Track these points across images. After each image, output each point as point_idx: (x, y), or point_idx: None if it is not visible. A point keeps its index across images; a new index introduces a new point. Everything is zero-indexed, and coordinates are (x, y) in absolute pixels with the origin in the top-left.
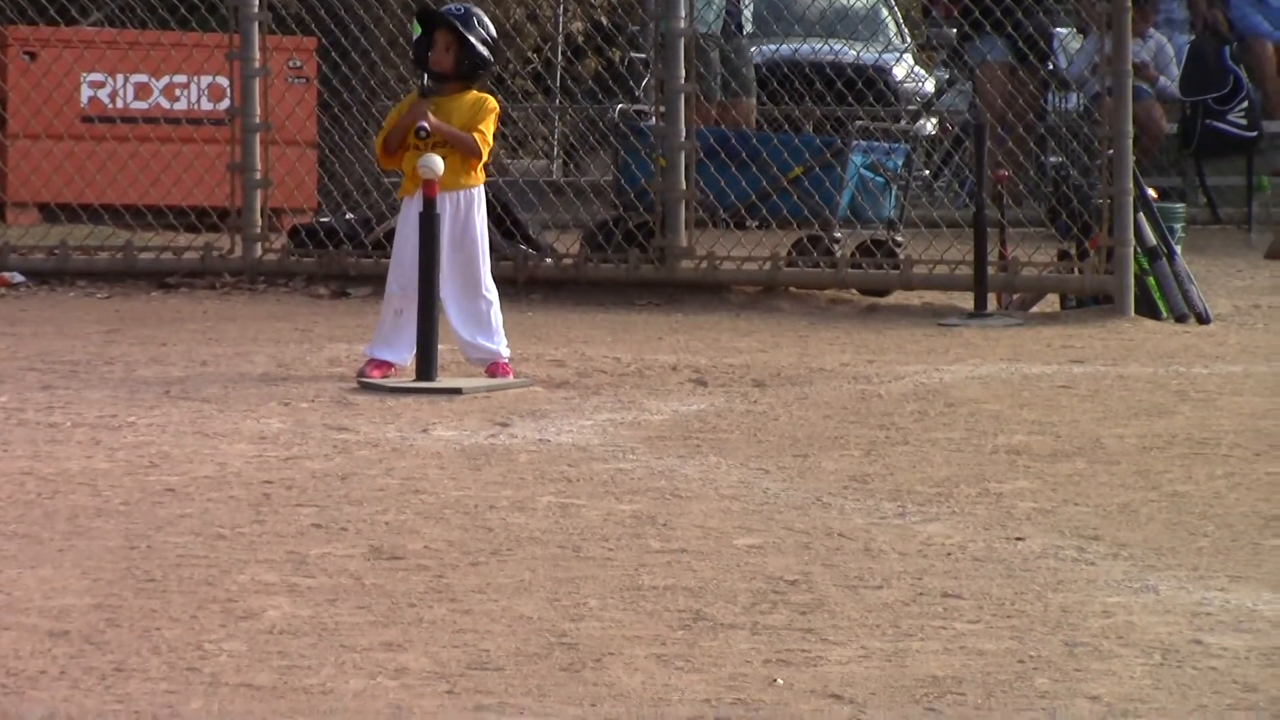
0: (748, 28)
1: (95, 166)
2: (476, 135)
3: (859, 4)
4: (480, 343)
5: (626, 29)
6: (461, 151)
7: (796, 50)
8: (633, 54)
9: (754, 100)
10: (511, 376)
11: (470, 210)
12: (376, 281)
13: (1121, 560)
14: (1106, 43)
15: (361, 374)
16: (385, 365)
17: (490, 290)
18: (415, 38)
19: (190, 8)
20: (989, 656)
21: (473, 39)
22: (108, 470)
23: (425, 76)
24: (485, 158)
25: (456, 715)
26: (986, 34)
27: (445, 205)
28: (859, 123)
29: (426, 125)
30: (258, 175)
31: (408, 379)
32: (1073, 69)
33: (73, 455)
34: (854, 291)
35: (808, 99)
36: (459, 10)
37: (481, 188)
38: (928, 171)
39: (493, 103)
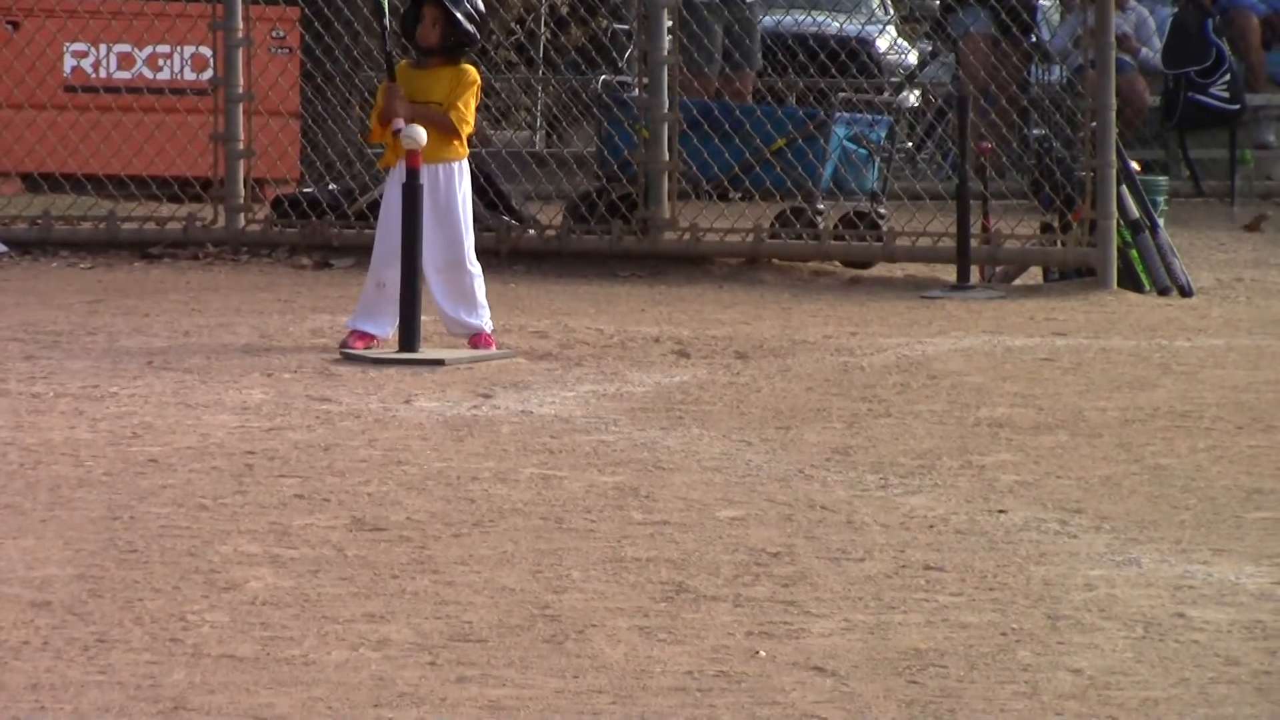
0: None
1: (78, 136)
2: (453, 114)
3: None
4: (462, 315)
5: (609, 0)
6: (441, 133)
7: (779, 22)
8: (616, 25)
9: (754, 72)
10: (494, 348)
11: (452, 183)
12: (359, 252)
13: (1104, 533)
14: (1089, 15)
15: (344, 345)
16: (368, 337)
17: (474, 263)
18: (402, 11)
19: None
20: (971, 629)
21: (459, 14)
22: (90, 440)
23: (389, 59)
24: (463, 134)
25: (439, 686)
26: (969, 6)
27: (426, 178)
28: (842, 94)
29: (401, 129)
30: (241, 146)
31: (390, 350)
32: (1055, 41)
33: (55, 425)
34: (837, 264)
35: (791, 71)
36: None
37: (464, 161)
38: (911, 144)
39: (473, 75)
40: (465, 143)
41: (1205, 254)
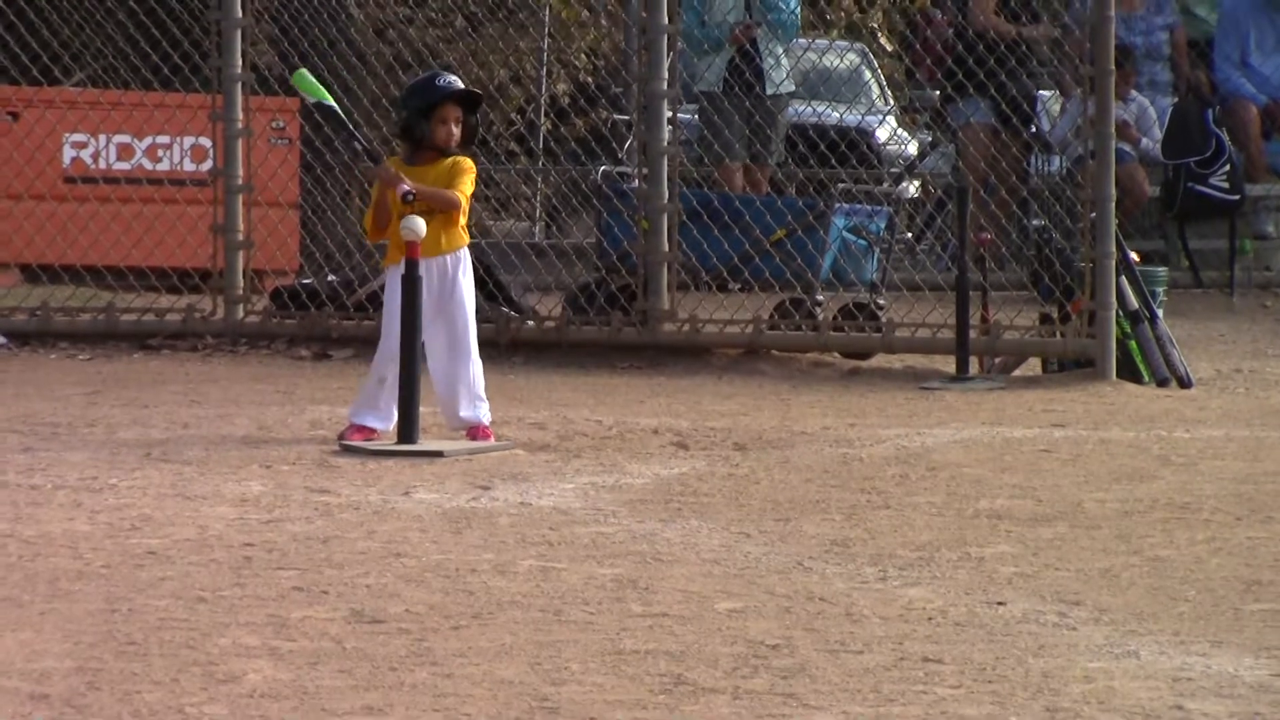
0: (779, 87)
1: (78, 227)
2: (455, 187)
3: (842, 66)
4: (462, 408)
5: (610, 90)
6: (441, 207)
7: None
8: (615, 116)
9: (771, 166)
10: (493, 440)
11: (455, 273)
12: (358, 344)
13: (1103, 625)
14: (1089, 105)
15: (343, 437)
16: (368, 430)
17: (475, 355)
18: (409, 112)
19: (173, 68)
20: None
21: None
22: (89, 533)
23: (366, 141)
24: (464, 207)
25: None
26: (969, 96)
27: (431, 270)
28: (841, 185)
29: (411, 189)
30: (240, 236)
31: (389, 442)
32: (1055, 132)
33: (54, 518)
34: (836, 354)
35: (790, 161)
36: (459, 82)
37: (466, 250)
38: (910, 234)
39: (469, 163)
40: (465, 230)
41: (1204, 345)
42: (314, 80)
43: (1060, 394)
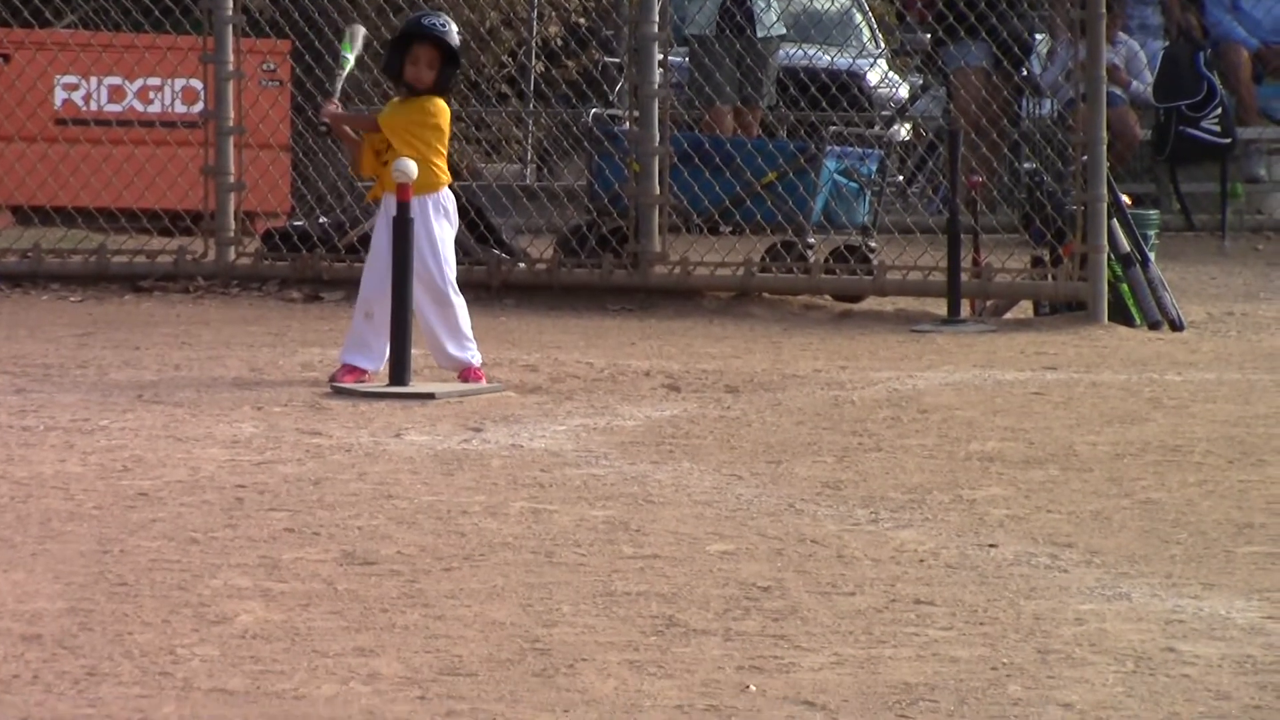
0: (770, 30)
1: (69, 169)
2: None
3: (833, 8)
4: (450, 349)
5: (601, 33)
6: (364, 128)
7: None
8: (606, 59)
9: (762, 109)
10: (484, 381)
11: (425, 216)
12: (350, 286)
13: (1094, 568)
14: (1080, 49)
15: (334, 379)
16: (358, 371)
17: (456, 295)
18: (389, 48)
19: (164, 10)
20: (962, 664)
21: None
22: (80, 474)
23: (330, 82)
24: (436, 152)
25: None
26: (961, 40)
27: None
28: (833, 128)
29: (325, 116)
30: (231, 179)
31: (380, 384)
32: (1046, 75)
33: (45, 459)
34: (827, 297)
35: (782, 104)
36: (444, 25)
37: (442, 192)
38: (901, 177)
39: (438, 103)
40: (441, 171)
41: (1196, 288)
42: (355, 46)
43: (1052, 337)
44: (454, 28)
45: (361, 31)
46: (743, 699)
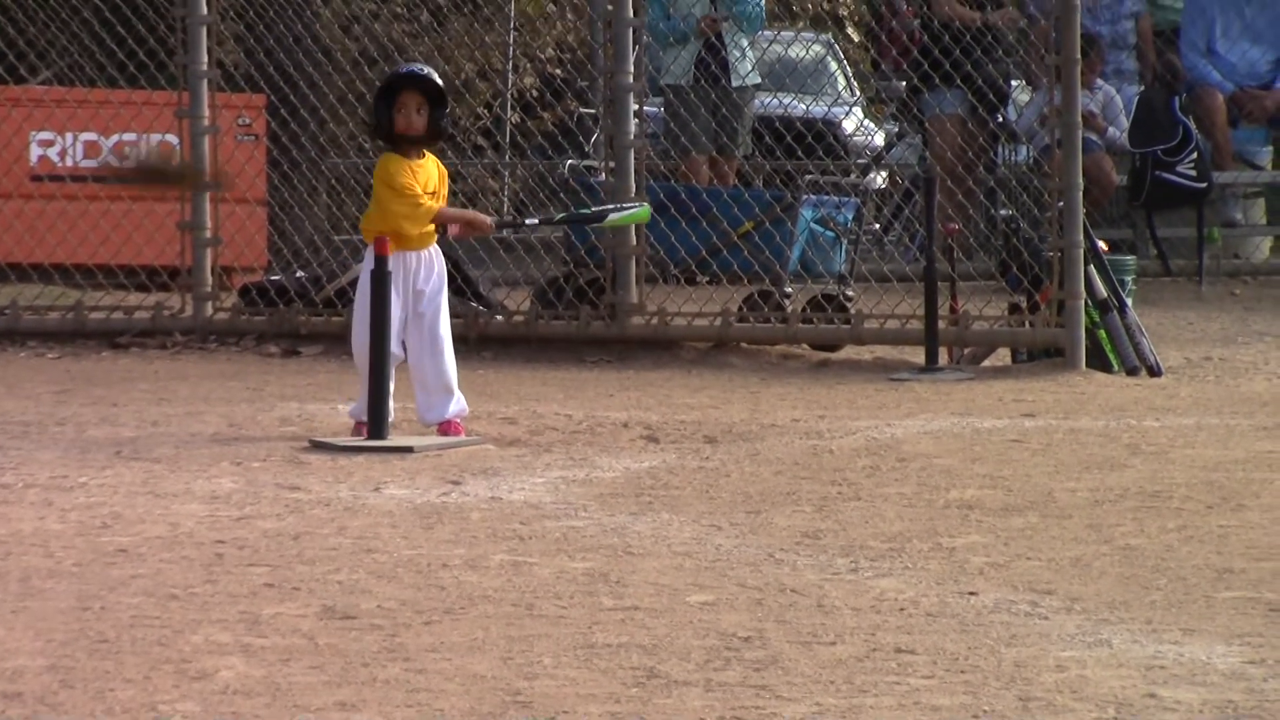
0: (745, 79)
1: (45, 225)
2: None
3: (808, 57)
4: (436, 401)
5: (576, 84)
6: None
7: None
8: (582, 109)
9: (738, 158)
10: (463, 434)
11: (438, 267)
12: (327, 340)
13: (1075, 614)
14: (1056, 94)
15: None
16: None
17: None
18: (375, 104)
19: (139, 65)
20: (943, 712)
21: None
22: (60, 531)
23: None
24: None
25: None
26: (936, 87)
27: (413, 262)
28: (809, 177)
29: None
30: (208, 233)
31: (359, 438)
32: (1021, 121)
33: (25, 516)
34: (805, 347)
35: (757, 153)
36: (424, 69)
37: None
38: (878, 225)
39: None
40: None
41: (1174, 333)
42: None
43: (1030, 384)
44: (434, 73)
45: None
46: None
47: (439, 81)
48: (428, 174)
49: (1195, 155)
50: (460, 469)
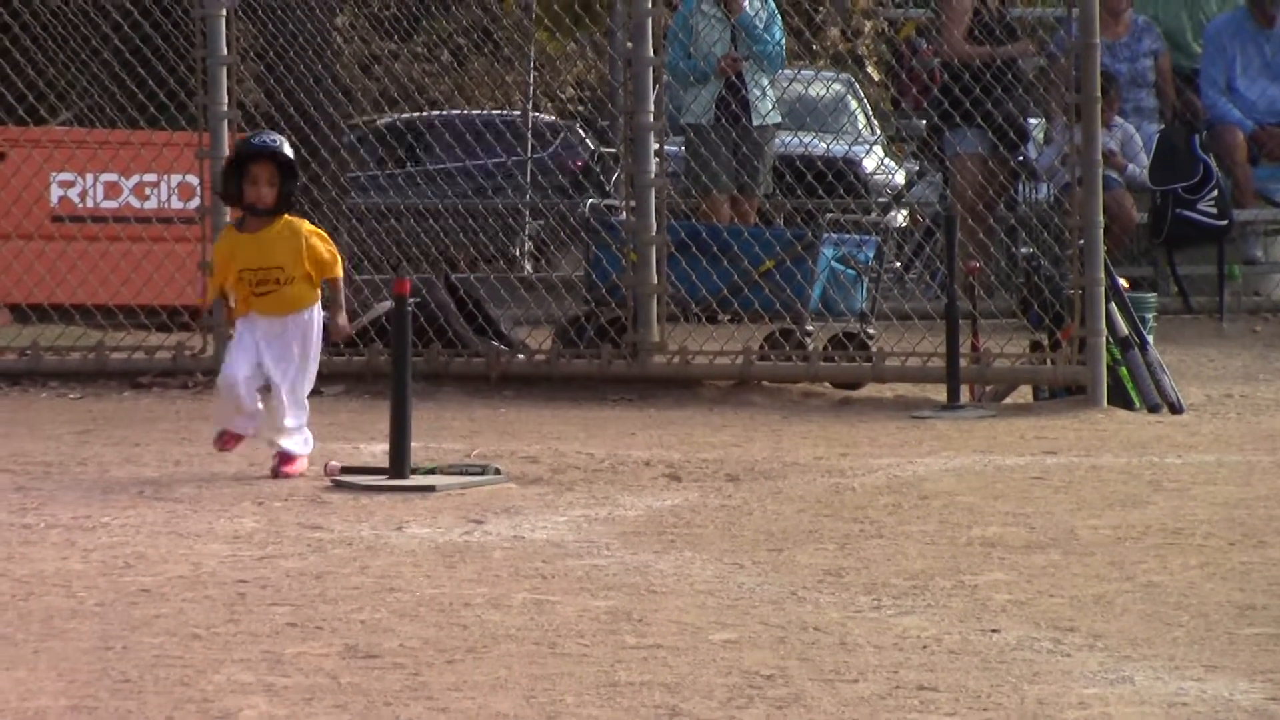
0: (765, 118)
1: (66, 266)
2: (335, 267)
3: (828, 96)
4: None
5: (597, 123)
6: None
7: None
8: (602, 149)
9: (759, 197)
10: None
11: (316, 327)
12: (349, 379)
13: (1097, 651)
14: (1076, 133)
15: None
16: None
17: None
18: (223, 171)
19: (159, 106)
20: None
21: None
22: (82, 571)
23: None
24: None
25: None
26: (957, 125)
27: (289, 325)
28: (829, 215)
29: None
30: None
31: (381, 477)
32: (1042, 159)
33: (47, 556)
34: (826, 385)
35: (778, 191)
36: (275, 141)
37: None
38: (899, 263)
39: (306, 224)
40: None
41: (1195, 370)
42: None
43: (1052, 421)
44: (286, 144)
45: None
46: None
47: (287, 155)
48: (266, 246)
49: (1216, 193)
50: (482, 508)
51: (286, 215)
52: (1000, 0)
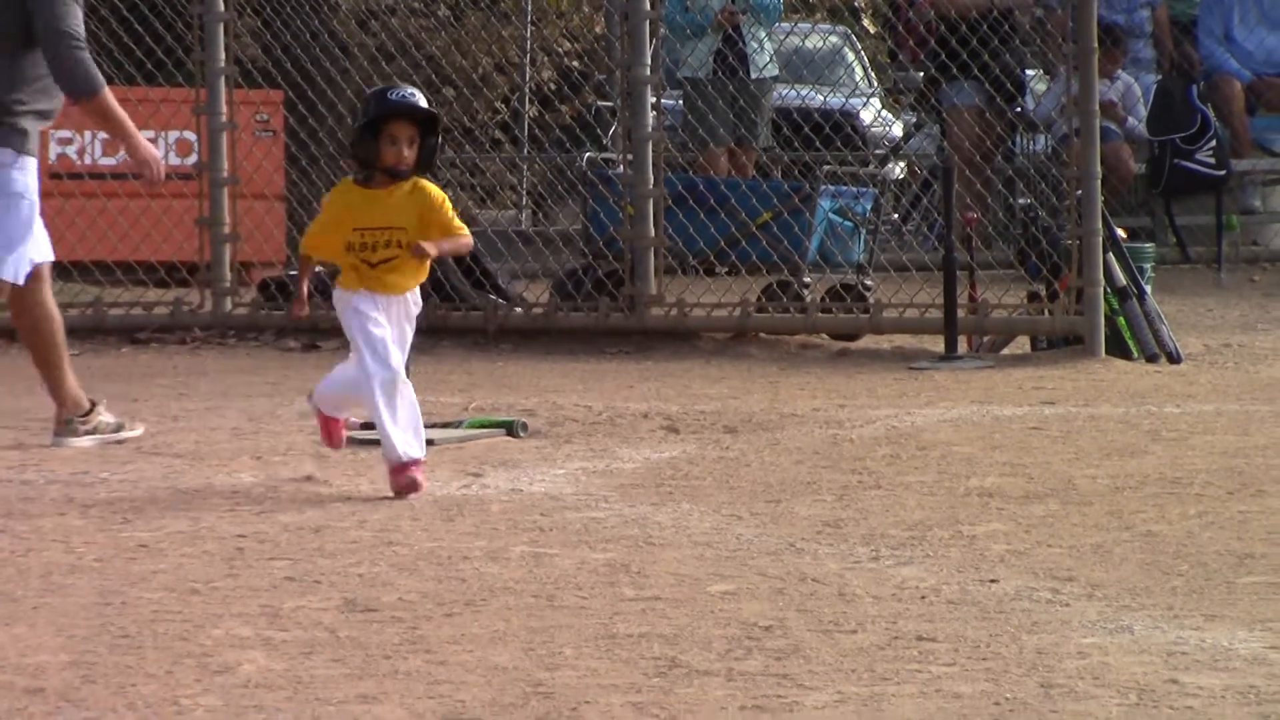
0: (763, 71)
1: (64, 223)
2: (459, 233)
3: (825, 48)
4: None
5: (594, 77)
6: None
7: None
8: (600, 102)
9: (756, 149)
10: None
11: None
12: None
13: (1096, 601)
14: (1074, 84)
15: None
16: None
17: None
18: (357, 128)
19: (157, 63)
20: (965, 699)
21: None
22: (81, 527)
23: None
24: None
25: None
26: (954, 77)
27: (393, 306)
28: (827, 167)
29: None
30: (226, 229)
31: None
32: (1040, 110)
33: (45, 512)
34: (824, 336)
35: (776, 144)
36: (414, 95)
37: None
38: (896, 215)
39: (435, 189)
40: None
41: (1193, 320)
42: None
43: (1049, 371)
44: (422, 96)
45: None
46: None
47: (435, 112)
48: (387, 209)
49: (1214, 143)
50: (480, 461)
51: (416, 177)
52: None
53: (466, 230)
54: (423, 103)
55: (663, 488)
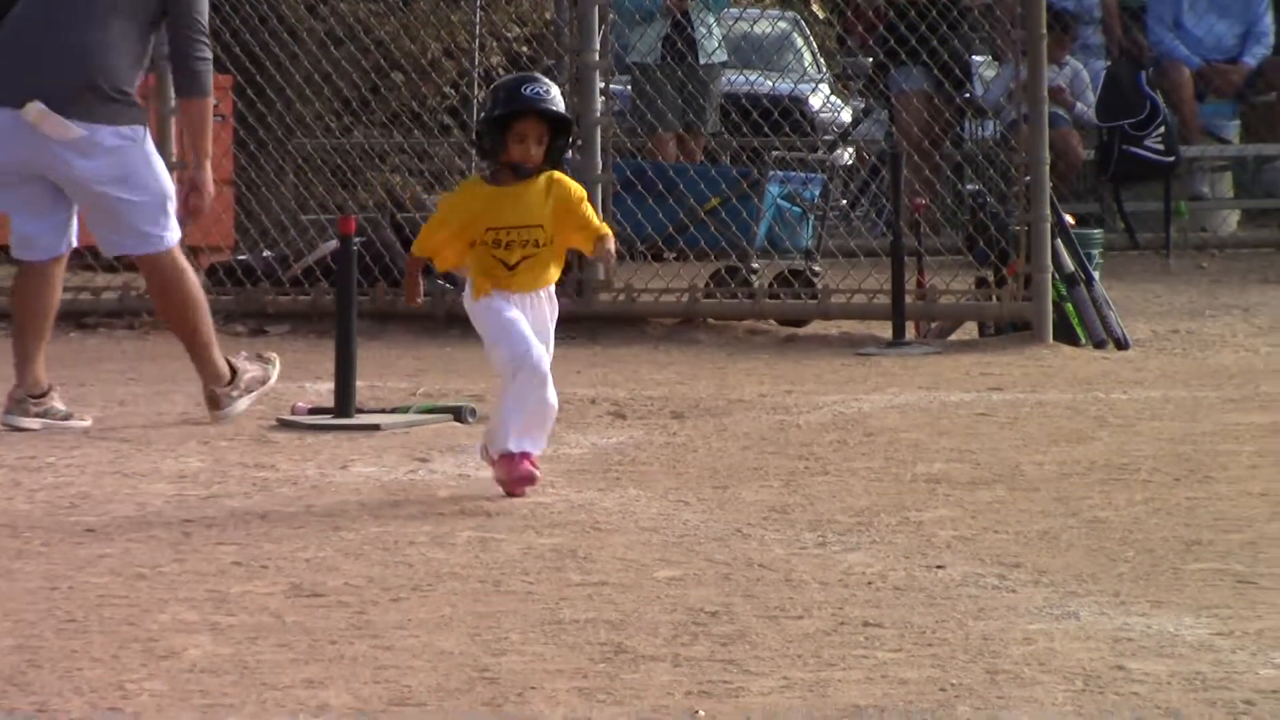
0: (711, 57)
1: None
2: (604, 233)
3: (774, 34)
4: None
5: (542, 62)
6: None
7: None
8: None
9: (705, 135)
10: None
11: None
12: (294, 319)
13: (1042, 587)
14: (1022, 69)
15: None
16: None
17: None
18: (485, 119)
19: None
20: (911, 685)
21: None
22: (27, 512)
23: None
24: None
25: None
26: (902, 63)
27: (527, 302)
28: (775, 153)
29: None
30: None
31: (326, 416)
32: (989, 96)
33: None
34: (772, 322)
35: (724, 130)
36: (548, 91)
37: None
38: (845, 201)
39: (572, 183)
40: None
41: (1141, 306)
42: None
43: (997, 357)
44: (557, 92)
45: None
46: None
47: (569, 118)
48: (521, 206)
49: (1163, 129)
50: (428, 446)
51: (553, 174)
52: None
53: (605, 226)
54: (558, 103)
55: (610, 473)
